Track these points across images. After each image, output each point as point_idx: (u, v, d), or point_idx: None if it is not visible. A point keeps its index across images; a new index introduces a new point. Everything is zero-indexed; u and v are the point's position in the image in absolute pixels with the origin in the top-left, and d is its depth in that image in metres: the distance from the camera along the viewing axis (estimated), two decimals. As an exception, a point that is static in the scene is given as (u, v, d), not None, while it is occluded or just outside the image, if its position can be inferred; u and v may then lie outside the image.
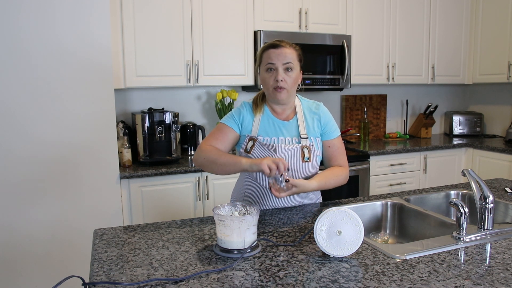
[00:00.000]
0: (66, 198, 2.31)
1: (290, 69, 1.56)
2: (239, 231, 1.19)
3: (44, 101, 2.22)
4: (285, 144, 1.61)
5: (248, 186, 1.70)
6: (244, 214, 1.29)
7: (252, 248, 1.22)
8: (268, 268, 1.12)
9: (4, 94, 2.14)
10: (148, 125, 2.70)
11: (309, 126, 1.65)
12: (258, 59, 1.63)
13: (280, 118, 1.66)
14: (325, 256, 1.19)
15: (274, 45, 1.56)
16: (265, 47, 1.59)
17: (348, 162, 3.02)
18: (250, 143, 1.63)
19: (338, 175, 1.66)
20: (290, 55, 1.56)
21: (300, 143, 1.62)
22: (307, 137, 1.63)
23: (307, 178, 1.64)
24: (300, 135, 1.63)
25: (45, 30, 2.18)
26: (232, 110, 1.72)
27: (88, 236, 2.05)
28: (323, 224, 1.18)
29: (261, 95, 1.69)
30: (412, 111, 4.15)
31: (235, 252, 1.20)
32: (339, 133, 1.72)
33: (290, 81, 1.57)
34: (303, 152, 1.61)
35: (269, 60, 1.56)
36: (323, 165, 1.72)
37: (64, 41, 2.22)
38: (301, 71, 1.63)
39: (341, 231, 1.17)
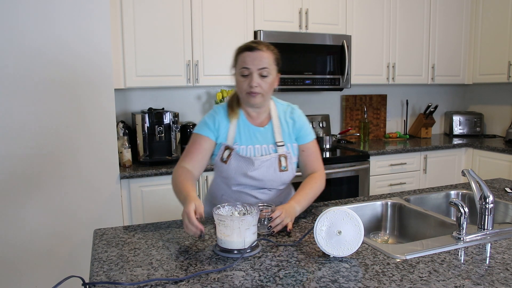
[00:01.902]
0: (66, 198, 2.31)
1: (265, 74, 1.48)
2: (239, 231, 1.19)
3: (44, 101, 2.21)
4: (262, 155, 1.56)
5: (225, 190, 1.64)
6: (244, 214, 1.29)
7: (252, 248, 1.22)
8: (268, 268, 1.12)
9: (4, 93, 2.14)
10: (148, 125, 2.70)
11: (285, 131, 1.60)
12: (234, 60, 1.54)
13: (255, 123, 1.60)
14: (325, 256, 1.19)
15: (249, 48, 1.48)
16: (241, 49, 1.51)
17: (348, 162, 3.10)
18: (227, 153, 1.56)
19: (313, 185, 1.58)
20: (266, 59, 1.48)
21: (277, 151, 1.57)
22: (283, 144, 1.58)
23: (283, 185, 1.63)
24: (276, 142, 1.58)
25: (45, 30, 2.18)
26: (205, 116, 1.61)
27: (88, 236, 2.05)
28: (323, 224, 1.18)
29: (236, 98, 1.61)
30: (412, 111, 4.15)
31: (235, 252, 1.20)
32: (314, 137, 1.66)
33: (266, 86, 1.49)
34: (280, 161, 1.57)
35: (244, 65, 1.48)
36: (299, 168, 1.67)
37: (64, 41, 2.22)
38: (279, 74, 1.56)
39: (341, 231, 1.17)
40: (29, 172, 2.22)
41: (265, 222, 1.38)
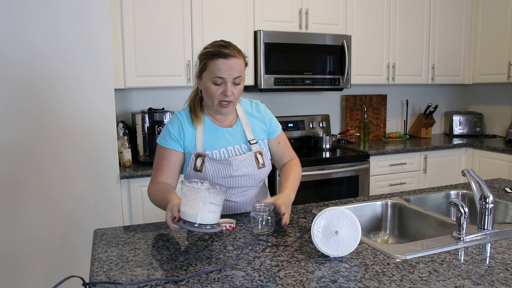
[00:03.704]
0: (66, 197, 2.31)
1: (239, 82, 1.45)
2: (193, 203, 1.18)
3: (44, 101, 2.21)
4: (238, 155, 1.52)
5: None
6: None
7: (208, 226, 1.18)
8: (268, 268, 1.12)
9: (4, 92, 2.14)
10: (148, 125, 2.70)
11: (255, 129, 1.58)
12: (202, 64, 1.45)
13: (222, 125, 1.55)
14: (325, 256, 1.19)
15: (223, 55, 1.41)
16: (213, 53, 1.42)
17: (348, 162, 3.11)
18: (199, 161, 1.48)
19: (296, 172, 1.63)
20: (240, 66, 1.43)
21: (251, 149, 1.54)
22: (256, 142, 1.56)
23: (261, 181, 1.62)
24: (248, 141, 1.55)
25: (46, 30, 2.18)
26: (168, 124, 1.54)
27: (88, 236, 2.05)
28: (319, 226, 1.18)
29: (199, 103, 1.55)
30: (412, 111, 4.15)
31: (196, 225, 1.17)
32: (281, 127, 1.69)
33: (238, 93, 1.47)
34: (257, 158, 1.54)
35: (219, 74, 1.41)
36: (273, 160, 1.68)
37: (64, 41, 2.22)
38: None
39: (338, 231, 1.17)
40: (29, 172, 2.22)
41: (263, 223, 1.38)
